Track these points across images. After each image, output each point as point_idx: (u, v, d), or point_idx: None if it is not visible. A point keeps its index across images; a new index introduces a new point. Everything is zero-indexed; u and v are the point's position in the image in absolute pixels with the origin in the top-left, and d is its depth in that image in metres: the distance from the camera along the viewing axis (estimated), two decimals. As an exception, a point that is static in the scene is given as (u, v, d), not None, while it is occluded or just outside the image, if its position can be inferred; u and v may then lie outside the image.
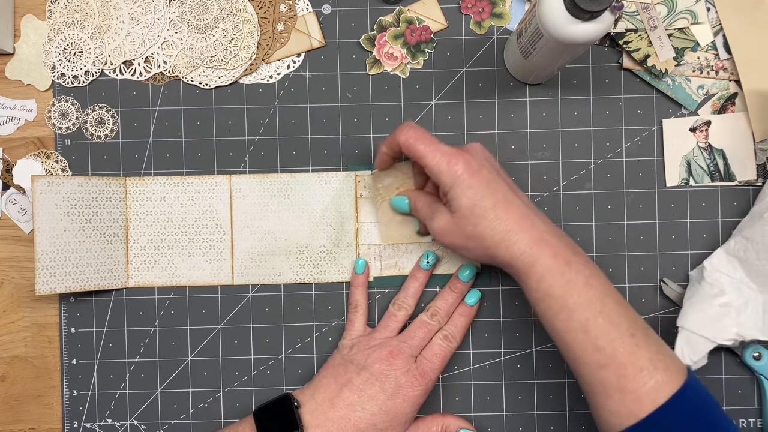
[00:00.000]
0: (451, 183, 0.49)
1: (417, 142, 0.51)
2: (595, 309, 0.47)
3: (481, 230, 0.49)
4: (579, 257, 0.49)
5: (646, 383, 0.45)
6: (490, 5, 0.60)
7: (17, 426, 0.62)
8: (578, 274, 0.48)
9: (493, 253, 0.49)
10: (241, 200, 0.61)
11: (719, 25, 0.60)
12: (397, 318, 0.57)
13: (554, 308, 0.48)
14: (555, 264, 0.48)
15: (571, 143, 0.61)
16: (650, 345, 0.47)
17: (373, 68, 0.61)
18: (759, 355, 0.58)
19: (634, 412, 0.45)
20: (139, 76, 0.61)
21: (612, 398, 0.46)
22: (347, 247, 0.60)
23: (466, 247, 0.51)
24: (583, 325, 0.47)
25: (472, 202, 0.49)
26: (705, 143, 0.60)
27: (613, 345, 0.46)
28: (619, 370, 0.46)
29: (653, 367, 0.46)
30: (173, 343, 0.61)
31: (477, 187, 0.49)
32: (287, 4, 0.61)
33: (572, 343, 0.47)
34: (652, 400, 0.45)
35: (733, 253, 0.57)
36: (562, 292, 0.47)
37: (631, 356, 0.46)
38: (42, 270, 0.57)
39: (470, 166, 0.49)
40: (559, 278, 0.47)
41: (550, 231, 0.49)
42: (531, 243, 0.48)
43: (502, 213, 0.49)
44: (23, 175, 0.60)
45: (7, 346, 0.61)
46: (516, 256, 0.48)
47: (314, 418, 0.53)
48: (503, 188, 0.50)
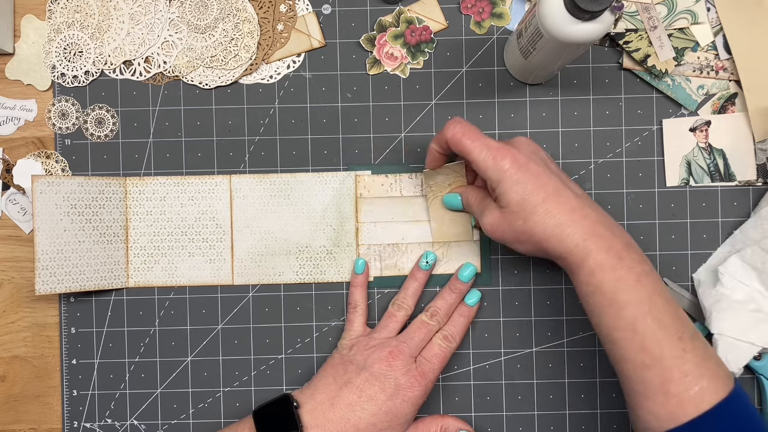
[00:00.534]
0: (498, 178, 0.49)
1: (464, 138, 0.51)
2: (644, 308, 0.46)
3: (532, 225, 0.48)
4: (632, 252, 0.48)
5: (691, 388, 0.45)
6: (490, 5, 0.60)
7: (17, 426, 0.62)
8: (629, 270, 0.47)
9: (545, 247, 0.49)
10: (241, 200, 0.61)
11: (719, 25, 0.59)
12: (396, 318, 0.57)
13: (603, 304, 0.47)
14: (607, 259, 0.47)
15: (571, 143, 0.61)
16: (697, 350, 0.46)
17: (373, 68, 0.61)
18: (759, 355, 0.58)
19: (675, 416, 0.45)
20: (139, 76, 0.61)
21: (653, 400, 0.46)
22: (347, 247, 0.60)
23: (518, 241, 0.50)
24: (631, 323, 0.46)
25: (520, 197, 0.48)
26: (705, 143, 0.60)
27: (660, 346, 0.45)
28: (664, 373, 0.45)
29: (699, 373, 0.45)
30: (173, 343, 0.61)
31: (525, 182, 0.48)
32: (287, 4, 0.61)
33: (619, 340, 0.47)
34: (696, 406, 0.44)
35: (749, 261, 0.57)
36: (612, 288, 0.47)
37: (677, 360, 0.45)
38: (42, 270, 0.57)
39: (517, 161, 0.49)
40: (609, 274, 0.47)
41: (603, 222, 0.48)
42: (584, 236, 0.47)
43: (553, 207, 0.48)
44: (23, 175, 0.60)
45: (7, 346, 0.61)
46: (569, 249, 0.48)
47: (313, 418, 0.53)
48: (553, 181, 0.49)
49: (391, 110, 0.61)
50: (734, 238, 0.59)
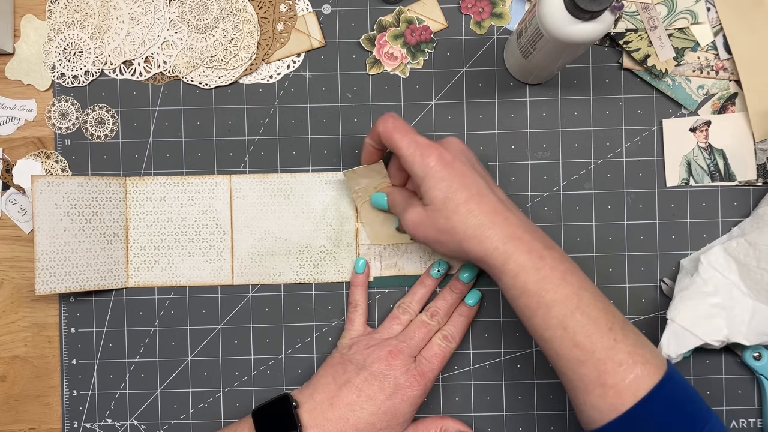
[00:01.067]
0: (423, 175, 0.49)
1: (394, 132, 0.51)
2: (572, 304, 0.47)
3: (454, 224, 0.49)
4: (553, 252, 0.48)
5: (626, 377, 0.45)
6: (490, 5, 0.60)
7: (17, 426, 0.62)
8: (553, 269, 0.47)
9: (466, 248, 0.49)
10: (241, 200, 0.61)
11: (719, 25, 0.59)
12: (400, 321, 0.58)
13: (531, 305, 0.48)
14: (529, 260, 0.47)
15: (571, 143, 0.61)
16: (628, 338, 0.47)
17: (373, 68, 0.61)
18: (759, 355, 0.58)
19: (615, 407, 0.45)
20: (139, 76, 0.61)
21: (592, 393, 0.46)
22: (347, 247, 0.60)
23: (438, 241, 0.50)
24: (560, 321, 0.47)
25: (444, 194, 0.49)
26: (705, 143, 0.60)
27: (591, 340, 0.46)
28: (599, 366, 0.46)
29: (632, 361, 0.46)
30: (173, 343, 0.61)
31: (450, 180, 0.49)
32: (287, 4, 0.61)
33: (551, 339, 0.47)
34: (633, 394, 0.45)
35: (732, 253, 0.57)
36: (537, 288, 0.47)
37: (610, 351, 0.46)
38: (42, 270, 0.57)
39: (443, 159, 0.49)
40: (533, 275, 0.47)
41: (524, 226, 0.49)
42: (504, 239, 0.48)
43: (475, 207, 0.48)
44: (23, 175, 0.60)
45: (7, 346, 0.61)
46: (489, 252, 0.48)
47: (313, 418, 0.52)
48: (477, 182, 0.50)
49: (391, 110, 0.61)
50: (731, 235, 0.59)
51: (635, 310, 0.60)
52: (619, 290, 0.60)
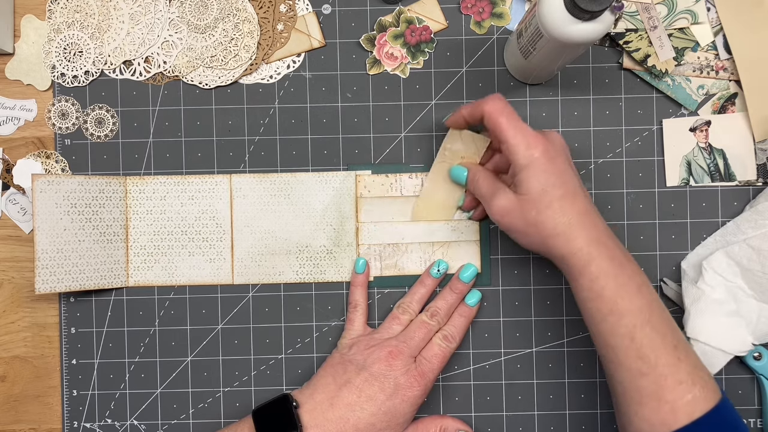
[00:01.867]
0: (526, 164, 0.49)
1: (501, 116, 0.51)
2: (644, 317, 0.47)
3: (544, 218, 0.49)
4: (632, 264, 0.49)
5: (684, 396, 0.45)
6: (490, 5, 0.60)
7: (17, 426, 0.62)
8: (631, 279, 0.48)
9: (551, 244, 0.49)
10: (241, 200, 0.61)
11: (719, 25, 0.60)
12: (399, 321, 0.57)
13: (603, 311, 0.48)
14: (610, 266, 0.48)
15: (571, 143, 0.61)
16: (690, 359, 0.47)
17: (373, 68, 0.61)
18: (759, 355, 0.58)
19: (667, 423, 0.45)
20: (139, 76, 0.61)
21: (647, 406, 0.46)
22: (347, 246, 0.60)
23: (524, 232, 0.50)
24: (630, 331, 0.47)
25: (542, 187, 0.49)
26: (705, 143, 0.60)
27: (656, 354, 0.46)
28: (659, 380, 0.46)
29: (692, 382, 0.46)
30: (173, 343, 0.61)
31: (550, 174, 0.49)
32: (287, 4, 0.61)
33: (616, 346, 0.47)
34: (688, 414, 0.45)
35: (734, 258, 0.57)
36: (613, 295, 0.47)
37: (672, 368, 0.46)
38: (42, 269, 0.57)
39: (548, 152, 0.49)
40: (612, 281, 0.47)
41: (608, 232, 0.49)
42: (589, 241, 0.48)
43: (568, 205, 0.48)
44: (23, 175, 0.60)
45: (7, 346, 0.61)
46: (573, 252, 0.48)
47: (313, 418, 0.52)
48: (574, 181, 0.50)
49: (391, 110, 0.61)
50: (726, 230, 0.59)
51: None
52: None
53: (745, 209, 0.59)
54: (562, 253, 0.49)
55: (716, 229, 0.60)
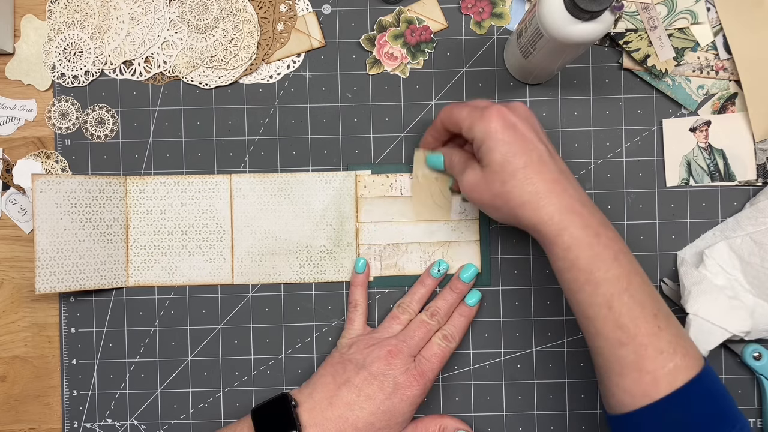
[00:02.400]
0: (483, 136, 0.49)
1: (451, 109, 0.51)
2: (621, 285, 0.46)
3: (510, 188, 0.48)
4: (608, 231, 0.48)
5: (665, 366, 0.45)
6: (490, 5, 0.60)
7: (17, 426, 0.62)
8: (606, 248, 0.47)
9: (519, 214, 0.48)
10: (241, 200, 0.61)
11: (719, 25, 0.60)
12: (399, 320, 0.57)
13: (579, 280, 0.47)
14: (584, 235, 0.47)
15: (571, 143, 0.61)
16: (671, 328, 0.46)
17: (373, 68, 0.61)
18: (759, 355, 0.58)
19: (648, 393, 0.45)
20: (139, 76, 0.61)
21: (628, 377, 0.46)
22: (347, 246, 0.60)
23: (493, 205, 0.50)
24: (607, 300, 0.46)
25: (503, 157, 0.48)
26: (705, 143, 0.60)
27: (635, 324, 0.45)
28: (639, 350, 0.45)
29: (673, 351, 0.45)
30: (173, 343, 0.61)
31: (510, 143, 0.48)
32: (287, 4, 0.61)
33: (594, 317, 0.47)
34: (669, 383, 0.45)
35: (736, 250, 0.57)
36: (589, 264, 0.46)
37: (653, 337, 0.45)
38: (42, 269, 0.57)
39: (505, 120, 0.48)
40: (587, 250, 0.46)
41: (581, 200, 0.48)
42: (560, 209, 0.47)
43: (534, 174, 0.47)
44: (23, 175, 0.60)
45: (7, 346, 0.61)
46: (544, 221, 0.47)
47: (312, 417, 0.52)
48: (539, 149, 0.48)
49: (391, 110, 0.61)
50: (726, 225, 0.59)
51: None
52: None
53: (745, 206, 0.59)
54: (533, 222, 0.48)
55: (716, 229, 0.60)
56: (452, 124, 0.52)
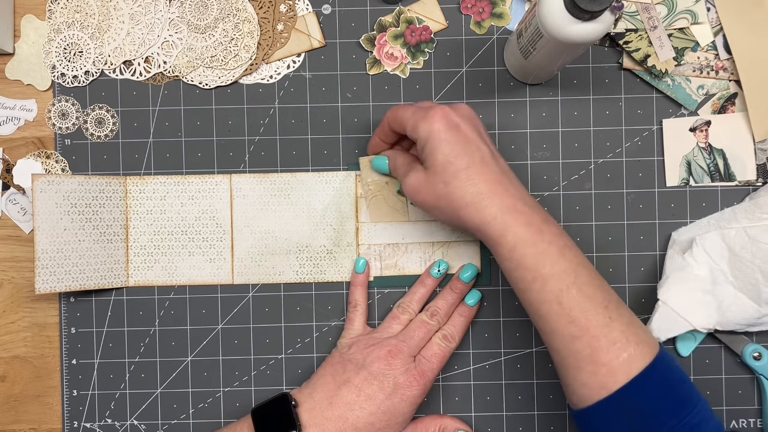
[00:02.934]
0: (426, 136, 0.49)
1: (398, 109, 0.52)
2: (569, 280, 0.46)
3: (452, 189, 0.48)
4: (552, 227, 0.48)
5: (619, 356, 0.45)
6: (490, 5, 0.60)
7: (17, 426, 0.62)
8: (551, 244, 0.47)
9: (462, 215, 0.48)
10: (241, 200, 0.61)
11: (719, 25, 0.60)
12: (399, 320, 0.57)
13: (527, 278, 0.47)
14: (527, 233, 0.47)
15: (571, 143, 0.61)
16: (623, 317, 0.47)
17: (373, 68, 0.61)
18: (759, 355, 0.58)
19: (606, 385, 0.45)
20: (139, 76, 0.61)
21: (584, 370, 0.46)
22: (347, 246, 0.60)
23: (436, 207, 0.50)
24: (556, 296, 0.46)
25: (446, 158, 0.48)
26: (705, 143, 0.60)
27: (586, 317, 0.46)
28: (593, 343, 0.45)
29: (626, 340, 0.45)
30: (173, 343, 0.61)
31: (453, 144, 0.48)
32: (287, 4, 0.61)
33: (546, 314, 0.47)
34: (625, 373, 0.45)
35: (728, 242, 0.57)
36: (535, 262, 0.47)
37: (605, 329, 0.46)
38: (42, 269, 0.57)
39: (448, 120, 0.49)
40: (531, 248, 0.47)
41: (523, 199, 0.48)
42: (502, 209, 0.47)
43: (475, 175, 0.48)
44: (23, 175, 0.60)
45: (7, 346, 0.61)
46: (487, 221, 0.47)
47: (312, 417, 0.52)
48: (481, 150, 0.49)
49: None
50: (722, 215, 0.59)
51: (635, 309, 0.60)
52: (619, 290, 0.60)
53: (745, 199, 0.59)
54: (476, 223, 0.48)
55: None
56: (397, 124, 0.52)
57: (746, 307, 0.56)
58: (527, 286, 0.47)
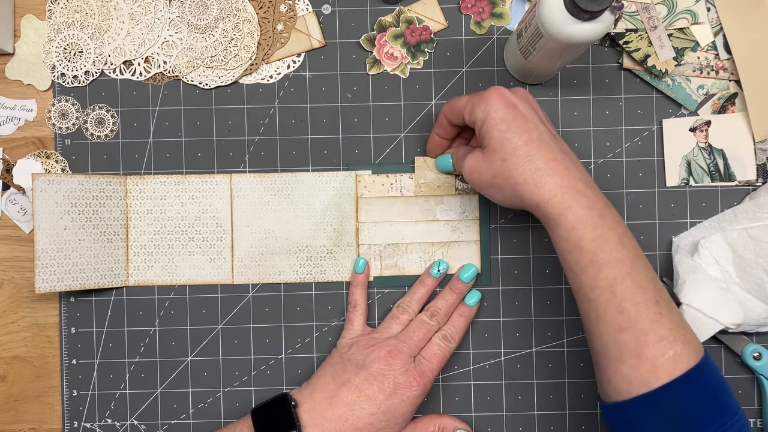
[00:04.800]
0: (484, 116, 0.49)
1: (454, 100, 0.52)
2: (625, 269, 0.45)
3: (510, 166, 0.47)
4: (612, 213, 0.47)
5: (665, 353, 0.44)
6: (490, 5, 0.60)
7: (17, 426, 0.62)
8: (611, 230, 0.46)
9: (521, 192, 0.47)
10: (241, 199, 0.61)
11: (719, 25, 0.60)
12: (399, 320, 0.57)
13: (583, 262, 0.46)
14: (588, 216, 0.46)
15: (571, 143, 0.61)
16: (673, 315, 0.46)
17: (373, 68, 0.61)
18: (759, 355, 0.58)
19: (647, 381, 0.44)
20: (139, 76, 0.61)
21: (626, 363, 0.45)
22: (347, 246, 0.60)
23: (493, 185, 0.49)
24: (610, 283, 0.45)
25: (502, 135, 0.48)
26: (705, 143, 0.60)
27: (637, 309, 0.45)
28: (640, 336, 0.44)
29: (673, 338, 0.44)
30: (173, 343, 0.61)
31: (510, 122, 0.48)
32: (287, 4, 0.61)
33: (596, 300, 0.46)
34: (669, 372, 0.44)
35: (731, 243, 0.57)
36: (593, 246, 0.46)
37: (654, 324, 0.45)
38: (42, 268, 0.57)
39: (505, 100, 0.48)
40: (591, 231, 0.46)
41: (585, 180, 0.47)
42: (563, 188, 0.46)
43: (534, 152, 0.47)
44: (23, 175, 0.60)
45: (7, 346, 0.61)
46: (546, 199, 0.46)
47: (312, 418, 0.52)
48: (539, 128, 0.48)
49: (391, 110, 0.61)
50: (723, 216, 0.59)
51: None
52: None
53: (744, 200, 0.60)
54: (535, 200, 0.47)
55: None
56: (455, 115, 0.53)
57: (755, 308, 0.56)
58: (582, 269, 0.46)
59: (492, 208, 0.61)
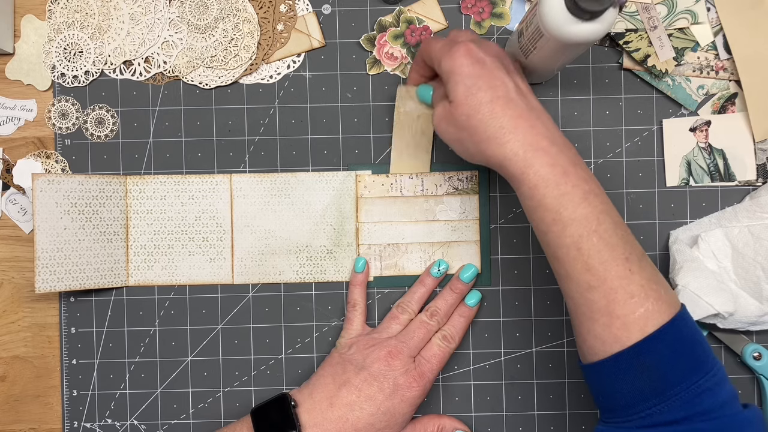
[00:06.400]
0: (450, 70, 0.48)
1: (428, 43, 0.51)
2: (590, 227, 0.45)
3: (475, 123, 0.47)
4: (579, 170, 0.46)
5: (636, 310, 0.43)
6: (490, 5, 0.61)
7: (17, 426, 0.62)
8: (575, 187, 0.45)
9: (484, 149, 0.47)
10: (241, 199, 0.61)
11: (719, 25, 0.60)
12: (399, 320, 0.57)
13: (547, 220, 0.46)
14: (551, 174, 0.45)
15: (571, 143, 0.60)
16: (644, 271, 0.45)
17: (373, 68, 0.61)
18: (759, 355, 0.58)
19: (619, 339, 0.44)
20: (139, 76, 0.61)
21: (598, 322, 0.44)
22: (347, 246, 0.60)
23: (458, 139, 0.49)
24: (575, 241, 0.45)
25: (468, 91, 0.47)
26: (705, 143, 0.60)
27: (605, 267, 0.44)
28: (609, 294, 0.44)
29: (644, 295, 0.44)
30: (173, 343, 0.61)
31: (476, 77, 0.47)
32: (287, 4, 0.61)
33: (563, 258, 0.45)
34: (640, 329, 0.43)
35: (731, 240, 0.57)
36: (555, 204, 0.45)
37: (623, 281, 0.44)
38: (42, 268, 0.57)
39: (472, 55, 0.47)
40: (553, 189, 0.45)
41: (551, 137, 0.47)
42: (525, 146, 0.46)
43: (499, 109, 0.46)
44: (23, 175, 0.60)
45: (7, 346, 0.61)
46: (508, 157, 0.46)
47: (312, 418, 0.52)
48: (507, 86, 0.47)
49: (391, 110, 0.61)
50: (723, 213, 0.59)
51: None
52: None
53: (745, 199, 0.60)
54: (498, 158, 0.46)
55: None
56: (428, 58, 0.52)
57: (748, 305, 0.56)
58: (547, 227, 0.46)
59: (492, 208, 0.61)
